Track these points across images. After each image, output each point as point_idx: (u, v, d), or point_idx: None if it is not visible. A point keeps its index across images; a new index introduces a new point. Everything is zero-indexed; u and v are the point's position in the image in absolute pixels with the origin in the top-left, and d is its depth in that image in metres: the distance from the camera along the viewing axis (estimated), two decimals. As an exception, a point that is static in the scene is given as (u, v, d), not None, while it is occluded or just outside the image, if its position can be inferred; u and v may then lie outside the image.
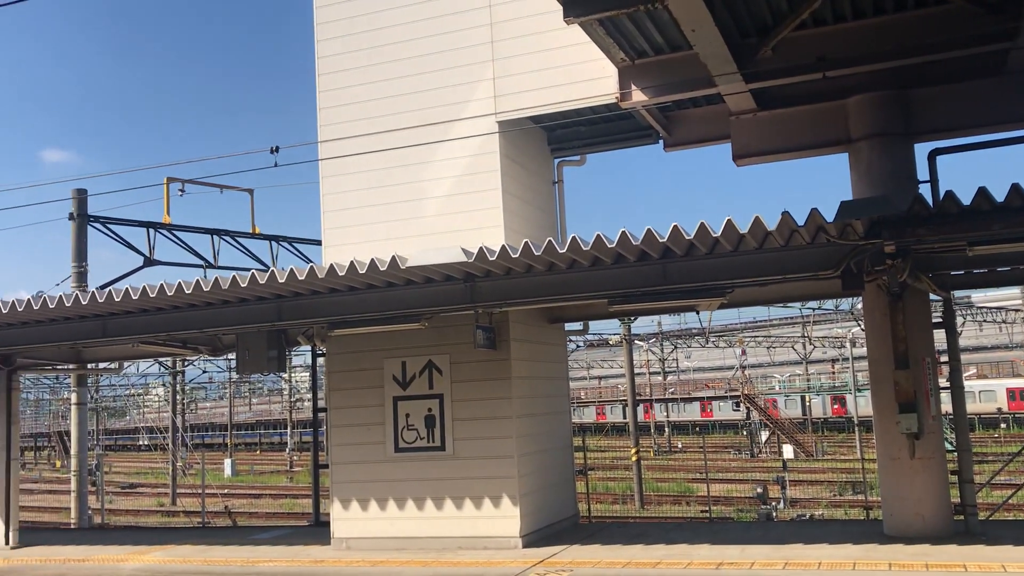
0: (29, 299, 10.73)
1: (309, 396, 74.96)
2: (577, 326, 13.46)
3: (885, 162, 10.63)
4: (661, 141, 12.55)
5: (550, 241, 8.83)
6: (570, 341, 13.45)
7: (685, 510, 27.41)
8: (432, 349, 11.36)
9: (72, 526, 18.88)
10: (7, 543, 13.79)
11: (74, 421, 18.77)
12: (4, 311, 10.89)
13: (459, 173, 11.43)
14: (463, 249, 9.15)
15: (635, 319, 35.62)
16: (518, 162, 11.78)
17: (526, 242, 8.89)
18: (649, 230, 8.50)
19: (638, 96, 10.64)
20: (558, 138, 12.85)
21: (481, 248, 9.05)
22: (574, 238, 8.81)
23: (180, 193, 19.39)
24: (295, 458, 57.33)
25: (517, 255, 8.98)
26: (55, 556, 12.64)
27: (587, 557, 10.11)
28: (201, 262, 20.91)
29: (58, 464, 64.05)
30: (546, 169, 12.81)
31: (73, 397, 18.82)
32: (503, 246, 9.03)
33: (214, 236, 21.19)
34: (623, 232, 8.57)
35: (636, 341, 54.16)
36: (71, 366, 15.95)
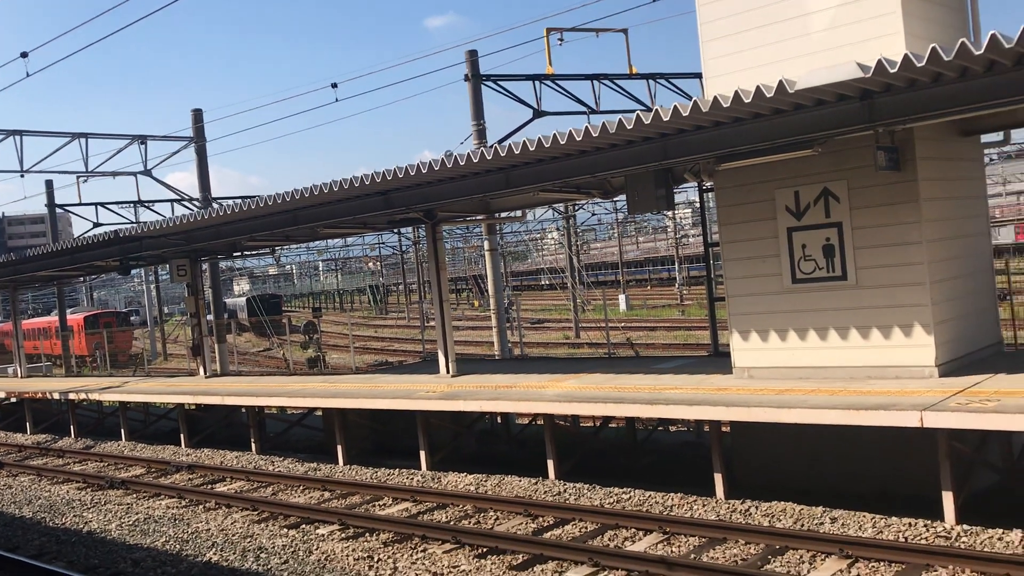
0: (443, 158, 11.89)
1: (693, 232, 75.65)
2: (995, 137, 11.96)
3: None
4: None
5: (963, 42, 7.79)
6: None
7: None
8: (827, 176, 10.81)
9: (496, 357, 21.32)
10: (448, 372, 15.98)
11: (488, 266, 20.87)
12: (424, 171, 12.20)
13: (848, -21, 10.41)
14: (858, 64, 8.40)
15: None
16: (918, -44, 10.43)
17: (933, 47, 7.92)
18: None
19: None
20: (966, -80, 11.12)
21: (880, 60, 8.24)
22: (993, 36, 7.67)
23: (559, 42, 19.99)
24: (684, 292, 58.80)
25: (923, 63, 8.06)
26: (487, 383, 14.40)
27: (1014, 386, 9.30)
28: (584, 109, 21.62)
29: (476, 303, 71.92)
30: (952, -41, 11.21)
31: (485, 244, 20.87)
32: (905, 55, 8.13)
33: (593, 81, 21.69)
34: (1058, 20, 7.32)
35: (1066, 147, 46.87)
36: (480, 216, 17.60)
